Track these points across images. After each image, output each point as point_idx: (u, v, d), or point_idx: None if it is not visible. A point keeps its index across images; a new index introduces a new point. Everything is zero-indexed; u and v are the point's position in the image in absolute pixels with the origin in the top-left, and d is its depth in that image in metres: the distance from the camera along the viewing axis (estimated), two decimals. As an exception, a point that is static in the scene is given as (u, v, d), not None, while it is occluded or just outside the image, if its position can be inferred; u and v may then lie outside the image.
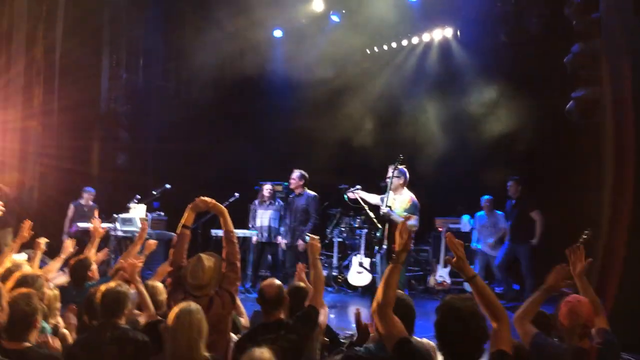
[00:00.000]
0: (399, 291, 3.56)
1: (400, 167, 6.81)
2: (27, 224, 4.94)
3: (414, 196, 6.86)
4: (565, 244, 3.68)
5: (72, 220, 9.17)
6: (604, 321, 3.31)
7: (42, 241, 4.92)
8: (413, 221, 6.61)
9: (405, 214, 6.58)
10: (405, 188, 6.93)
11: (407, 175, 6.95)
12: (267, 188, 9.00)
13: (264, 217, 8.83)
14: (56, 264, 4.97)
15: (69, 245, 5.14)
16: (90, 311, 3.74)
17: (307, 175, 8.44)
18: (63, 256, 5.05)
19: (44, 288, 3.77)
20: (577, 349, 3.07)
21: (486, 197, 8.91)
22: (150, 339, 3.36)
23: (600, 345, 3.09)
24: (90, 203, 9.35)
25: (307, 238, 7.25)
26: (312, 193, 8.40)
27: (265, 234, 8.78)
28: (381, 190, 6.99)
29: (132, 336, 3.36)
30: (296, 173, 8.42)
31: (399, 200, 6.80)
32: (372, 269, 8.46)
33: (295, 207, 8.39)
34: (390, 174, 6.79)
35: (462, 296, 2.66)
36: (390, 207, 6.69)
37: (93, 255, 4.97)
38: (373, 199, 7.10)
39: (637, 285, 5.09)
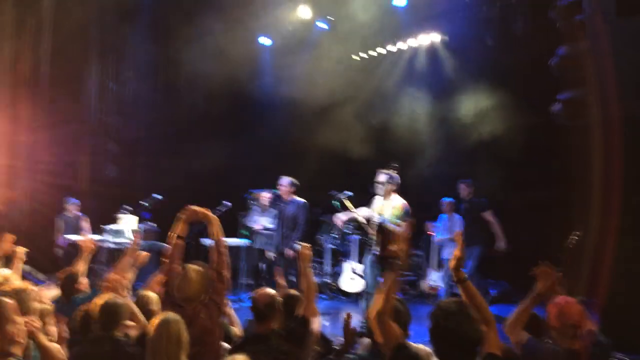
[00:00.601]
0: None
1: (393, 173, 6.82)
2: (9, 237, 4.92)
3: (405, 202, 6.85)
4: (555, 245, 3.70)
5: (63, 232, 9.14)
6: (591, 323, 3.32)
7: (21, 250, 4.90)
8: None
9: (398, 221, 6.63)
10: (394, 194, 6.91)
11: (398, 180, 6.93)
12: (266, 196, 8.92)
13: (262, 224, 8.81)
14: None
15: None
16: (83, 324, 3.71)
17: (296, 182, 8.35)
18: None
19: (29, 302, 3.73)
20: (570, 351, 3.08)
21: (446, 199, 8.79)
22: (143, 351, 3.34)
23: (591, 345, 3.10)
24: (77, 213, 9.31)
25: (297, 246, 7.25)
26: (301, 200, 8.31)
27: (263, 242, 8.72)
28: (369, 195, 6.98)
29: (130, 351, 3.34)
30: (285, 180, 8.31)
31: (389, 206, 6.79)
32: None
33: (284, 215, 8.34)
34: (380, 178, 6.78)
35: (455, 300, 2.68)
36: (380, 214, 6.70)
37: (82, 269, 4.93)
38: (362, 212, 7.05)
39: (627, 285, 5.13)
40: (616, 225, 5.28)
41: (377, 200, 6.79)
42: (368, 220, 6.86)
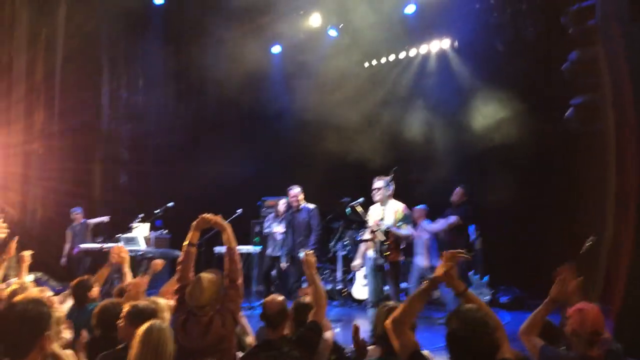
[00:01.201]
0: (391, 303, 3.57)
1: (387, 179, 6.83)
2: (13, 242, 4.96)
3: (404, 205, 6.84)
4: (569, 251, 3.67)
5: (72, 243, 9.23)
6: (606, 330, 3.29)
7: (27, 254, 4.95)
8: (407, 230, 6.68)
9: (400, 224, 6.67)
10: (392, 199, 6.89)
11: (392, 186, 6.87)
12: (282, 202, 8.93)
13: (277, 230, 8.82)
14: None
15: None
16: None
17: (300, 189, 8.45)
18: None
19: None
20: (586, 357, 3.05)
21: (420, 206, 8.57)
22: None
23: (605, 352, 3.07)
24: (82, 221, 9.40)
25: (302, 254, 7.26)
26: (312, 206, 8.36)
27: (278, 249, 8.73)
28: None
29: None
30: (296, 189, 8.40)
31: (390, 212, 6.79)
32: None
33: (297, 222, 8.34)
34: (377, 184, 6.79)
35: (472, 307, 2.65)
36: (382, 219, 6.72)
37: (129, 277, 4.94)
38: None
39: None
40: (631, 231, 5.22)
41: (375, 208, 6.81)
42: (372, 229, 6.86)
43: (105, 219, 9.45)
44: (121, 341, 3.42)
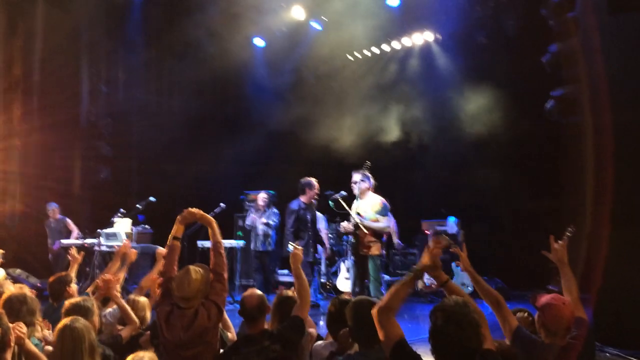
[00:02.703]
0: (363, 297, 3.58)
1: (366, 172, 6.88)
2: None
3: (382, 198, 6.94)
4: (548, 241, 3.70)
5: (52, 238, 9.14)
6: (581, 310, 3.32)
7: None
8: (384, 223, 6.80)
9: (378, 216, 6.76)
10: (370, 192, 6.99)
11: (372, 180, 7.00)
12: (262, 197, 8.89)
13: (258, 226, 8.78)
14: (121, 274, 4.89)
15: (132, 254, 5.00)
16: None
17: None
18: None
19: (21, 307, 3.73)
20: (558, 348, 3.08)
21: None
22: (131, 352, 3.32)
23: (581, 341, 3.10)
24: (58, 217, 9.27)
25: (290, 247, 7.23)
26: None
27: (260, 243, 8.70)
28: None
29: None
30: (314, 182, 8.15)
31: (366, 204, 6.88)
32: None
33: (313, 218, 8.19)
34: (354, 178, 6.81)
35: (457, 300, 2.60)
36: (359, 213, 6.77)
37: (122, 276, 4.89)
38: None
39: (619, 281, 5.14)
40: (608, 222, 5.30)
41: (356, 202, 6.86)
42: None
43: (78, 237, 9.21)
44: None
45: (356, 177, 6.88)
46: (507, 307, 3.23)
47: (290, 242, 7.85)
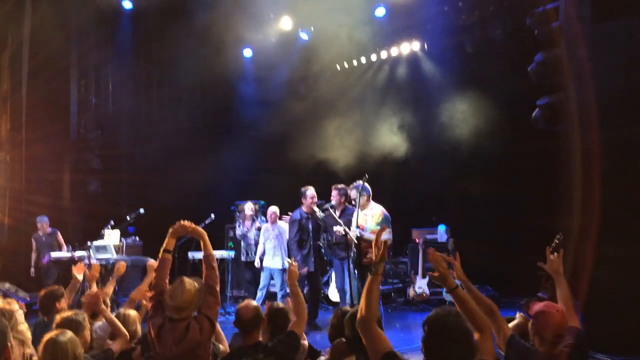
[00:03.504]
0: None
1: (362, 183, 6.89)
2: None
3: (383, 209, 6.95)
4: (540, 249, 3.74)
5: (38, 252, 9.04)
6: (575, 320, 3.35)
7: None
8: (387, 235, 6.69)
9: (379, 227, 6.68)
10: (372, 202, 6.99)
11: (369, 190, 7.00)
12: (249, 207, 8.84)
13: (249, 236, 8.74)
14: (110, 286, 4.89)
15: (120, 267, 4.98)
16: None
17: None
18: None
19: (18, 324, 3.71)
20: (549, 355, 3.10)
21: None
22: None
23: (570, 348, 3.12)
24: (49, 230, 9.17)
25: (286, 264, 7.22)
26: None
27: (253, 253, 8.63)
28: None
29: None
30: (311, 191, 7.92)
31: (369, 216, 6.90)
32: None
33: (315, 226, 7.94)
34: (352, 194, 6.87)
35: (449, 310, 2.60)
36: (359, 226, 6.78)
37: (109, 289, 4.85)
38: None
39: (607, 288, 5.19)
40: (595, 230, 5.35)
41: (355, 214, 6.88)
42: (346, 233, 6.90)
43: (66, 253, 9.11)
44: None
45: (352, 193, 6.86)
46: (501, 315, 3.23)
47: (286, 259, 7.83)
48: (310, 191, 7.84)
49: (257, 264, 8.37)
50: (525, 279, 6.68)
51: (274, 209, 8.44)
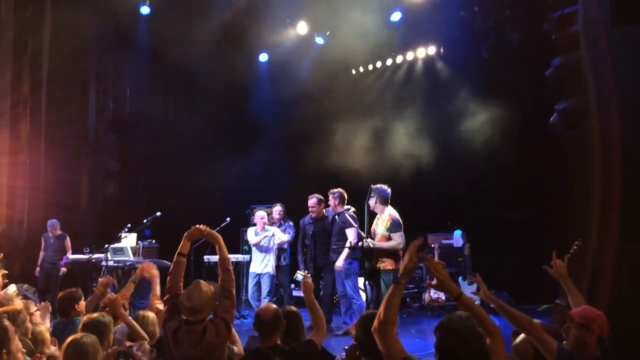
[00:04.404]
0: (371, 310, 3.56)
1: (380, 187, 6.84)
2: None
3: (393, 213, 6.85)
4: (557, 255, 3.71)
5: (45, 252, 9.10)
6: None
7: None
8: (396, 240, 6.68)
9: (389, 233, 6.70)
10: (385, 206, 6.89)
11: (384, 192, 6.89)
12: (276, 210, 8.75)
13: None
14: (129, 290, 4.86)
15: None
16: None
17: (322, 198, 8.02)
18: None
19: (26, 323, 3.75)
20: (595, 358, 3.06)
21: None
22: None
23: (602, 352, 3.09)
24: (59, 232, 9.20)
25: (300, 277, 7.22)
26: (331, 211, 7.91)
27: (275, 258, 8.55)
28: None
29: None
30: (314, 199, 7.98)
31: (380, 220, 6.87)
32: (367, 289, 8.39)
33: (319, 231, 7.94)
34: (368, 200, 6.81)
35: (459, 314, 2.62)
36: (370, 234, 6.81)
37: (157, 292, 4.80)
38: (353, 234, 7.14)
39: (626, 293, 5.12)
40: (615, 234, 5.29)
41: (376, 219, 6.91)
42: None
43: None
44: None
45: (369, 200, 6.77)
46: (541, 327, 3.14)
47: (299, 272, 7.81)
48: (310, 199, 7.92)
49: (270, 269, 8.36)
50: (542, 285, 6.63)
51: (261, 214, 8.44)
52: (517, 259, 8.82)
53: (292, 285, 9.36)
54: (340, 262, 7.32)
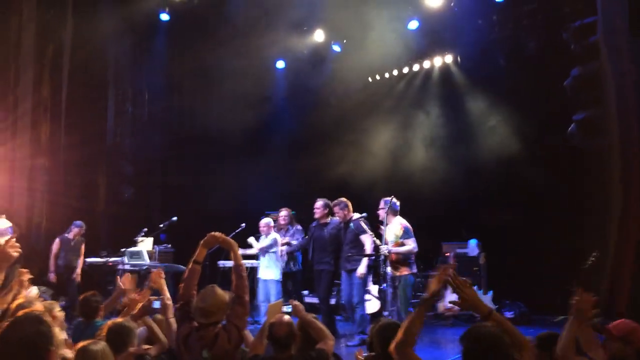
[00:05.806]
0: (389, 320, 3.53)
1: (390, 199, 6.91)
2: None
3: (404, 222, 6.97)
4: (573, 266, 3.67)
5: (57, 255, 8.89)
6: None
7: (25, 277, 4.91)
8: (410, 245, 6.81)
9: (401, 240, 6.83)
10: (395, 217, 7.03)
11: (394, 205, 7.01)
12: (282, 215, 8.79)
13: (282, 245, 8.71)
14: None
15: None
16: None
17: (330, 203, 7.94)
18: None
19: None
20: None
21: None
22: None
23: None
24: (78, 237, 9.14)
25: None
26: (337, 220, 7.83)
27: (284, 264, 8.52)
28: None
29: None
30: (320, 202, 7.95)
31: (390, 229, 6.94)
32: (380, 296, 8.36)
33: (322, 236, 7.86)
34: (379, 211, 6.95)
35: (488, 324, 2.60)
36: (387, 244, 6.85)
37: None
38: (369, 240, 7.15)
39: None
40: (633, 246, 5.23)
41: (383, 228, 6.96)
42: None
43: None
44: None
45: (380, 211, 6.94)
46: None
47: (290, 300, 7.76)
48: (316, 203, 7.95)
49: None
50: (557, 296, 6.57)
51: (266, 221, 8.46)
52: (532, 269, 8.73)
53: (306, 292, 9.36)
54: (363, 269, 7.31)
